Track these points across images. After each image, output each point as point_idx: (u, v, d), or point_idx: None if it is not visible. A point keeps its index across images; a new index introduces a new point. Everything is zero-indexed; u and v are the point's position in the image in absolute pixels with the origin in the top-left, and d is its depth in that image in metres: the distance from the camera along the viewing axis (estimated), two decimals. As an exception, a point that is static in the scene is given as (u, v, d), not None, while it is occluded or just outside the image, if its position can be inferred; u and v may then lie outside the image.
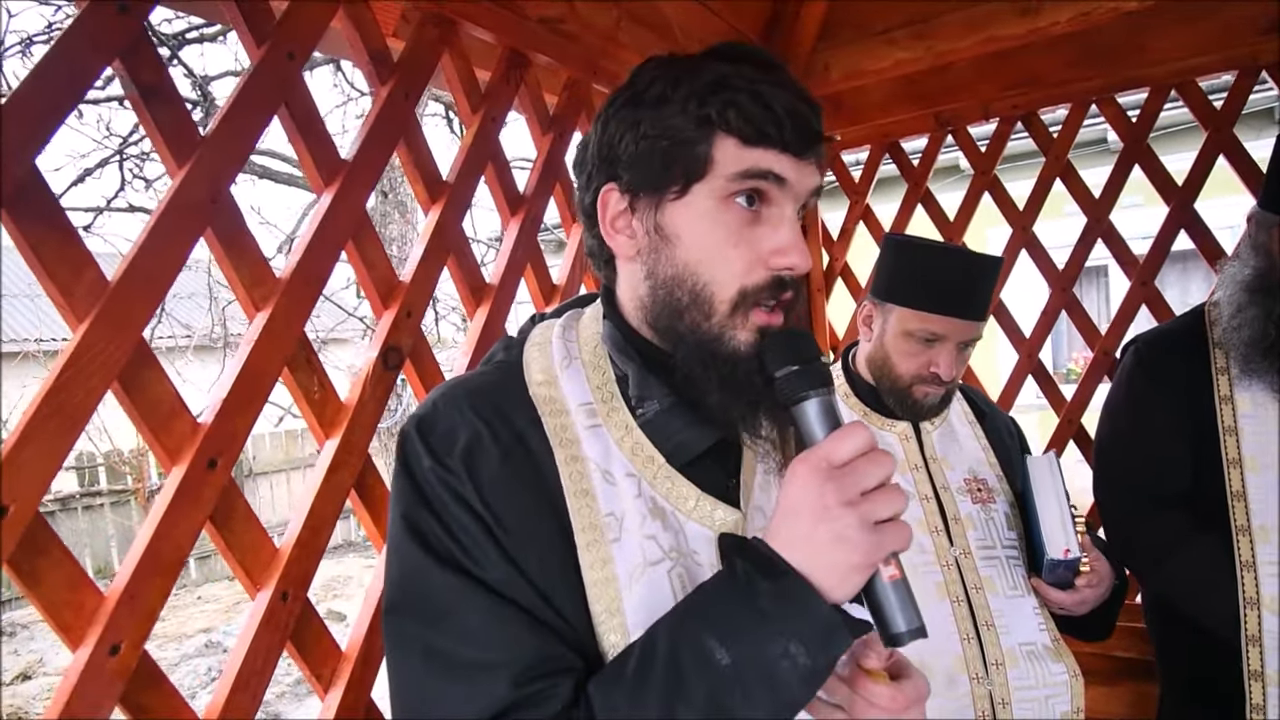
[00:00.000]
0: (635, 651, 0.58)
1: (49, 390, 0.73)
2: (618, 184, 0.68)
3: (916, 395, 1.26)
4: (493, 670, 0.57)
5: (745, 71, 0.64)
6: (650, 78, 0.66)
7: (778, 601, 0.55)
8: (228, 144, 0.91)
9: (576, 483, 0.64)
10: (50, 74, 0.77)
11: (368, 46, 1.12)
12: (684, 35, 1.65)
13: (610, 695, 0.56)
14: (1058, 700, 1.19)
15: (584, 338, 0.72)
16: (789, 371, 0.62)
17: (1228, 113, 1.84)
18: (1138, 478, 1.39)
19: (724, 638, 0.55)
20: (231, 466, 0.89)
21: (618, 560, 0.63)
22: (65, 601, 0.75)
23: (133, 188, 4.31)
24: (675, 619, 0.58)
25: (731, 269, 0.64)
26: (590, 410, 0.67)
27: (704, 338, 0.65)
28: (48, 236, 0.75)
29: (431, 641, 0.59)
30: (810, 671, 0.55)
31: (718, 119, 0.63)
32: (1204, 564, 1.29)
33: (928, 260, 1.26)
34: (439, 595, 0.60)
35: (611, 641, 0.61)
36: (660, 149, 0.64)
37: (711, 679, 0.54)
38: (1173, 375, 1.38)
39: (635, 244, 0.68)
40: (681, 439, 0.67)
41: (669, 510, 0.66)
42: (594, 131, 0.70)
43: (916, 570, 1.22)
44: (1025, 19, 1.73)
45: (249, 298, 0.95)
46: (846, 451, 0.57)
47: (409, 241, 4.38)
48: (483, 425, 0.64)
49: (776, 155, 0.63)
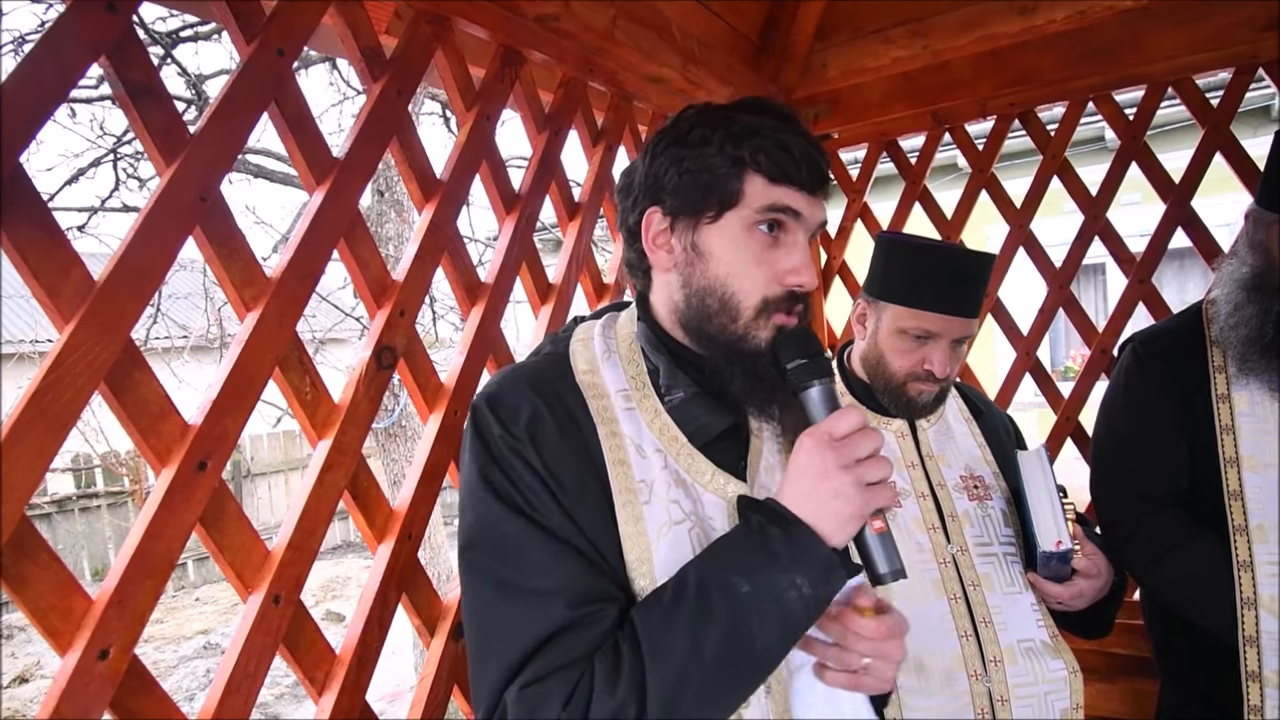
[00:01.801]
0: (670, 585, 0.70)
1: (35, 391, 0.72)
2: (661, 207, 0.81)
3: (911, 393, 1.26)
4: (553, 595, 0.69)
5: (769, 122, 0.78)
6: (692, 123, 0.81)
7: (788, 545, 0.68)
8: (217, 142, 0.90)
9: (615, 454, 0.77)
10: (36, 72, 0.76)
11: (360, 44, 1.11)
12: (681, 34, 1.65)
13: (650, 619, 0.68)
14: (1057, 697, 1.19)
15: (621, 335, 0.86)
16: (798, 364, 0.76)
17: (1224, 110, 1.84)
18: (1134, 476, 1.38)
19: (744, 572, 0.68)
20: (222, 468, 0.88)
21: (648, 519, 0.75)
22: (53, 606, 0.74)
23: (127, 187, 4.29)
24: (702, 560, 0.71)
25: (755, 282, 0.78)
26: (626, 395, 0.81)
27: (730, 338, 0.79)
28: (33, 236, 0.74)
29: (501, 573, 0.72)
30: (814, 600, 0.68)
31: (750, 160, 0.77)
32: (1201, 564, 1.28)
33: (920, 258, 1.25)
34: (507, 536, 0.72)
35: (641, 585, 0.74)
36: (701, 181, 0.78)
37: (733, 604, 0.67)
38: (1170, 373, 1.37)
39: (673, 258, 0.82)
40: (702, 422, 0.80)
41: (689, 481, 0.79)
42: (641, 163, 0.85)
43: (914, 568, 1.22)
44: (1022, 17, 1.72)
45: (239, 298, 0.94)
46: (845, 427, 0.72)
47: (406, 240, 4.37)
48: (541, 402, 0.77)
49: (794, 193, 0.78)
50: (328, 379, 1.06)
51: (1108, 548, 1.28)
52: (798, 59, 2.04)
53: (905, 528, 1.24)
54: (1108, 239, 1.99)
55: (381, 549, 1.08)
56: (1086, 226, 2.01)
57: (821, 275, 2.36)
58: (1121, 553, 1.35)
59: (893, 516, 1.24)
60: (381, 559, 1.08)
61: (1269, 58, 1.74)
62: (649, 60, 1.56)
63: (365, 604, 1.05)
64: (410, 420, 4.20)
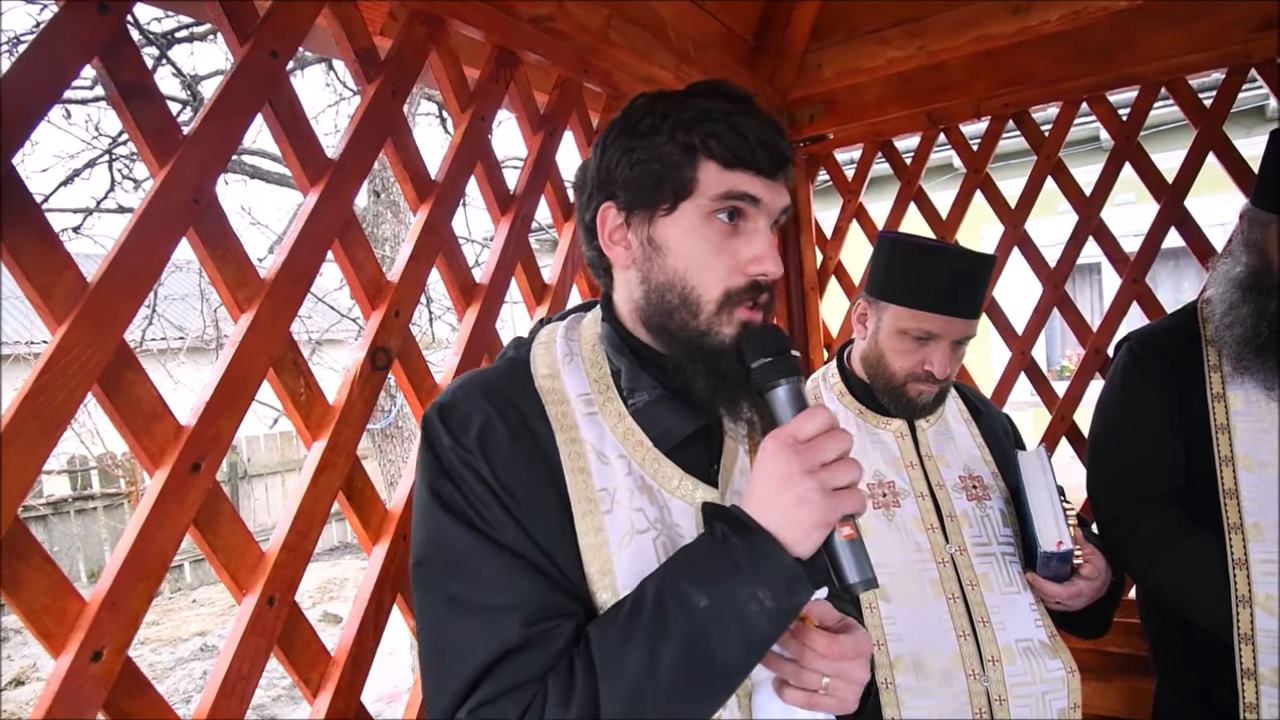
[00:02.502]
0: (628, 599, 0.67)
1: (28, 393, 0.72)
2: (615, 202, 0.78)
3: (911, 393, 1.26)
4: (506, 613, 0.67)
5: (722, 105, 0.74)
6: (641, 112, 0.77)
7: (749, 555, 0.65)
8: (211, 143, 0.90)
9: (574, 461, 0.74)
10: (29, 73, 0.75)
11: (354, 45, 1.11)
12: (676, 35, 1.65)
13: (605, 635, 0.66)
14: (1055, 696, 1.19)
15: (584, 337, 0.83)
16: (763, 362, 0.73)
17: (1217, 111, 1.84)
18: (1130, 475, 1.39)
19: (703, 585, 0.64)
20: (216, 469, 0.88)
21: (609, 528, 0.72)
22: (46, 608, 0.74)
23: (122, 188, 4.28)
24: (662, 573, 0.68)
25: (715, 274, 0.75)
26: (588, 400, 0.77)
27: (692, 334, 0.76)
28: (25, 237, 0.74)
29: (452, 589, 0.69)
30: (777, 612, 0.65)
31: (701, 146, 0.74)
32: (1197, 562, 1.28)
33: (921, 259, 1.26)
34: (459, 551, 0.69)
35: (603, 599, 0.71)
36: (652, 172, 0.75)
37: (691, 619, 0.63)
38: (1165, 372, 1.37)
39: (630, 254, 0.78)
40: (667, 425, 0.77)
41: (655, 488, 0.76)
42: (593, 157, 0.81)
43: (913, 567, 1.22)
44: (1016, 18, 1.73)
45: (233, 299, 0.94)
46: (810, 429, 0.68)
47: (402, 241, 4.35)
48: (494, 411, 0.74)
49: (751, 178, 0.74)
50: (324, 380, 1.05)
51: (1105, 546, 1.28)
52: (793, 59, 2.04)
53: (904, 527, 1.24)
54: (1102, 239, 1.99)
55: (377, 550, 1.08)
56: (1081, 226, 2.01)
57: (816, 274, 2.36)
58: (1119, 552, 1.35)
59: (890, 519, 1.25)
60: (377, 560, 1.07)
61: (1262, 58, 1.75)
62: (644, 61, 1.56)
63: (360, 605, 1.04)
64: (406, 421, 4.20)
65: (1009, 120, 2.08)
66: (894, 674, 1.17)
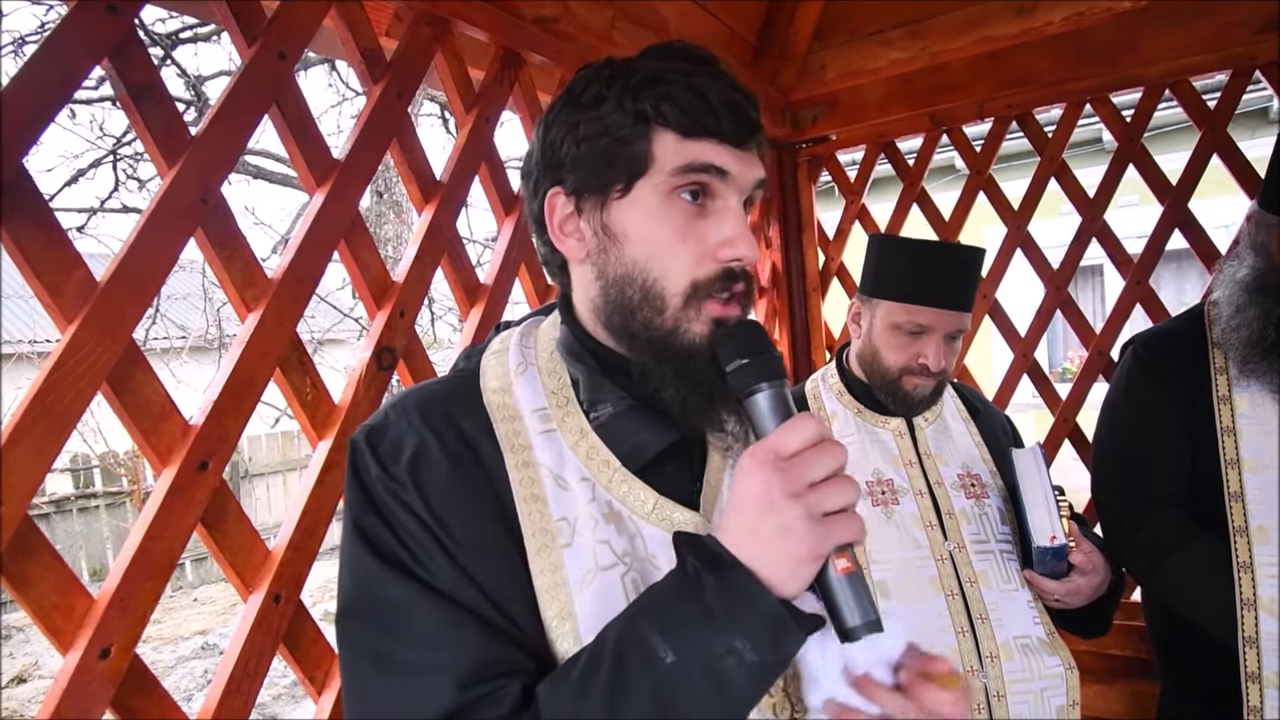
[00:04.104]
0: (586, 652, 0.57)
1: (37, 392, 0.73)
2: (563, 187, 0.67)
3: (906, 387, 1.27)
4: (438, 673, 0.57)
5: (679, 66, 0.64)
6: (586, 80, 0.66)
7: (724, 596, 0.54)
8: (218, 144, 0.91)
9: (527, 488, 0.64)
10: (38, 74, 0.76)
11: (360, 46, 1.11)
12: (679, 35, 1.65)
13: (556, 696, 0.56)
14: (1053, 693, 1.19)
15: (541, 344, 0.72)
16: (739, 365, 0.62)
17: (1221, 112, 1.84)
18: (1135, 477, 1.39)
19: (669, 635, 0.54)
20: (223, 468, 0.89)
21: (569, 565, 0.62)
22: (55, 605, 0.75)
23: (126, 188, 4.30)
24: (625, 618, 0.57)
25: (681, 263, 0.64)
26: (544, 415, 0.67)
27: (657, 334, 0.65)
28: (36, 237, 0.75)
29: (379, 645, 0.59)
30: (758, 667, 0.54)
31: (654, 113, 0.63)
32: (1201, 565, 1.28)
33: (910, 254, 1.28)
34: (387, 600, 0.59)
35: (564, 648, 0.61)
36: (600, 148, 0.64)
37: (656, 678, 0.53)
38: (1171, 375, 1.37)
39: (584, 246, 0.67)
40: (637, 441, 0.66)
41: (625, 514, 0.65)
42: (536, 138, 0.69)
43: (911, 565, 1.22)
44: (1019, 19, 1.73)
45: (240, 298, 0.94)
46: (794, 443, 0.56)
47: (404, 242, 4.37)
48: (431, 434, 0.63)
49: (715, 147, 0.63)
50: (327, 379, 1.06)
51: (1109, 548, 1.28)
52: (795, 60, 2.04)
53: (903, 525, 1.25)
54: (1105, 240, 1.99)
55: (381, 549, 1.09)
56: (1084, 228, 2.01)
57: (819, 275, 2.37)
58: (1122, 553, 1.35)
59: (889, 516, 1.25)
60: (381, 559, 1.08)
61: (1266, 60, 1.75)
62: (648, 62, 1.56)
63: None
64: (409, 421, 4.20)
65: (1012, 121, 2.08)
66: None
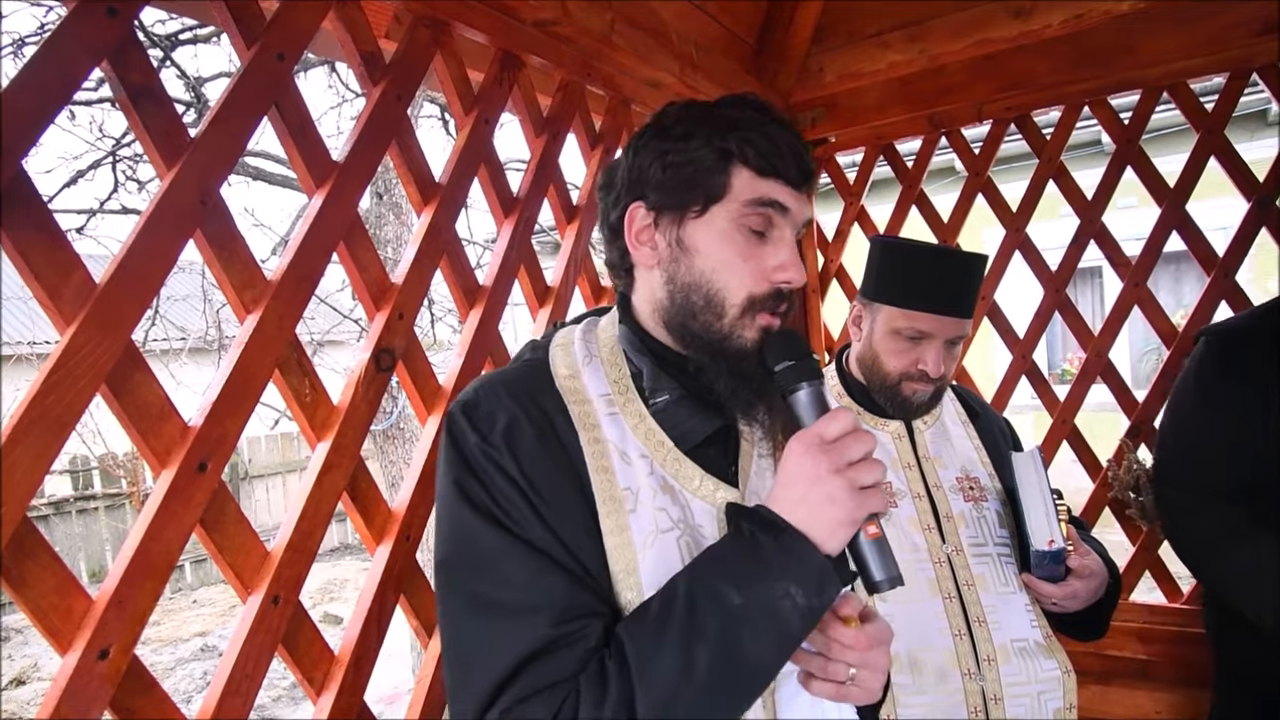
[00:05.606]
0: (658, 598, 0.67)
1: (36, 393, 0.73)
2: (644, 203, 0.80)
3: (905, 392, 1.27)
4: (534, 612, 0.66)
5: (754, 115, 0.77)
6: (675, 117, 0.79)
7: (780, 553, 0.66)
8: (218, 145, 0.91)
9: (598, 460, 0.74)
10: (38, 76, 0.76)
11: (359, 48, 1.12)
12: (679, 38, 1.65)
13: (637, 635, 0.65)
14: (1050, 696, 1.19)
15: (602, 340, 0.84)
16: (786, 366, 0.75)
17: (1219, 115, 1.85)
18: (1197, 469, 1.37)
19: (736, 583, 0.65)
20: (222, 469, 0.89)
21: (634, 528, 0.72)
22: (54, 606, 0.75)
23: (126, 190, 4.29)
24: (691, 571, 0.68)
25: (741, 279, 0.76)
26: (609, 400, 0.78)
27: (715, 336, 0.77)
28: (35, 238, 0.75)
29: (479, 589, 0.68)
30: (808, 609, 0.66)
31: (737, 152, 0.76)
32: (1259, 559, 1.27)
33: (912, 259, 1.27)
34: (485, 550, 0.69)
35: (628, 599, 0.71)
36: (685, 174, 0.77)
37: (724, 617, 0.64)
38: (1242, 367, 1.36)
39: (656, 255, 0.80)
40: (688, 426, 0.78)
41: (677, 488, 0.76)
42: (624, 159, 0.82)
43: (909, 567, 1.22)
44: (1018, 21, 1.73)
45: (239, 300, 0.94)
46: (835, 430, 0.69)
47: (404, 243, 4.37)
48: (519, 409, 0.74)
49: (782, 187, 0.77)
50: (326, 381, 1.06)
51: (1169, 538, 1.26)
52: (794, 62, 2.05)
53: (901, 527, 1.25)
54: (1103, 243, 2.00)
55: (380, 550, 1.09)
56: (1082, 230, 2.02)
57: (818, 277, 2.37)
58: (1183, 543, 1.34)
59: (888, 518, 1.25)
60: (380, 560, 1.08)
61: (1264, 62, 1.75)
62: (646, 64, 1.56)
63: (364, 605, 1.05)
64: (408, 422, 4.20)
65: (1010, 124, 2.08)
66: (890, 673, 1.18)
